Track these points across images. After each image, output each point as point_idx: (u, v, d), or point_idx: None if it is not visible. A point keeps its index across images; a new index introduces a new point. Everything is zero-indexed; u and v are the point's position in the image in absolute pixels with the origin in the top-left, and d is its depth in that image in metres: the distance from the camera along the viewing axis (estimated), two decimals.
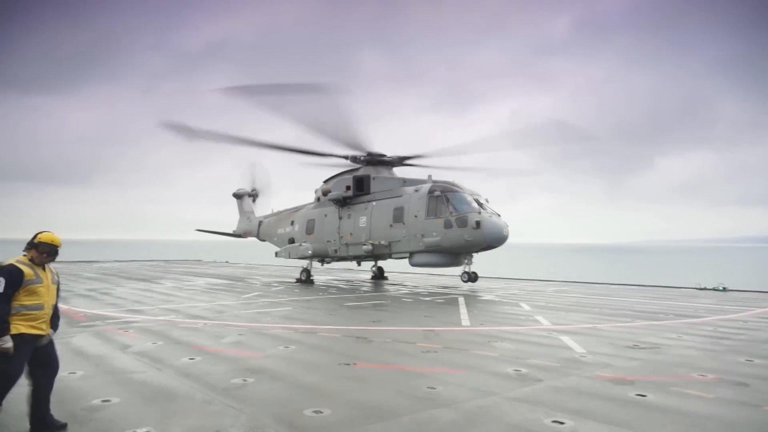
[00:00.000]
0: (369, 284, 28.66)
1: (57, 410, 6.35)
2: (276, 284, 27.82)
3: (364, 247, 18.83)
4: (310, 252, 21.55)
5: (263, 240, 26.44)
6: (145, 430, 6.19)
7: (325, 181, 22.39)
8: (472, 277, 16.36)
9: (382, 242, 18.29)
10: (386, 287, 26.84)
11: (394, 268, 56.09)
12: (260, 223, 27.08)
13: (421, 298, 21.82)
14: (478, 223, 15.72)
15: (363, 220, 19.37)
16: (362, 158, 20.11)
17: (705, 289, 26.57)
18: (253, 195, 29.02)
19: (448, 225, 16.21)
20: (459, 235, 16.08)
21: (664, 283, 34.30)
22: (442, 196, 16.68)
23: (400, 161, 20.32)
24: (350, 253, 20.41)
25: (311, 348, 11.22)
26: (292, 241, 24.00)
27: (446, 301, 20.72)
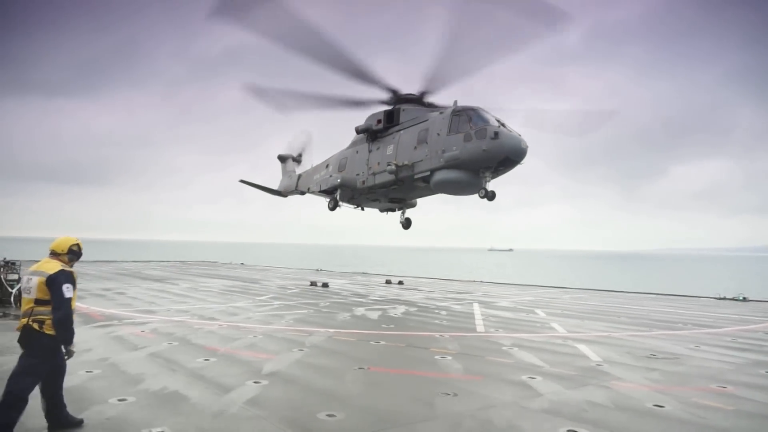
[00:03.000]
0: (384, 288, 28.62)
1: (72, 409, 6.41)
2: (291, 287, 27.89)
3: (388, 167, 18.73)
4: (339, 181, 21.47)
5: (302, 192, 27.24)
6: (159, 430, 6.21)
7: (356, 127, 22.28)
8: (489, 195, 16.24)
9: (405, 162, 18.17)
10: (401, 291, 26.77)
11: (410, 272, 56.08)
12: (299, 176, 27.75)
13: (436, 302, 21.71)
14: (496, 134, 15.54)
15: (390, 149, 19.40)
16: (393, 100, 20.17)
17: (725, 298, 26.13)
18: (297, 160, 29.61)
19: (467, 138, 16.14)
20: (477, 146, 15.89)
21: (683, 292, 33.79)
22: (465, 114, 16.65)
23: (431, 102, 20.04)
24: (376, 182, 20.11)
25: (325, 352, 11.20)
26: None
27: (461, 306, 20.59)
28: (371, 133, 20.76)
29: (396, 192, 20.96)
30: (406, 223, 23.49)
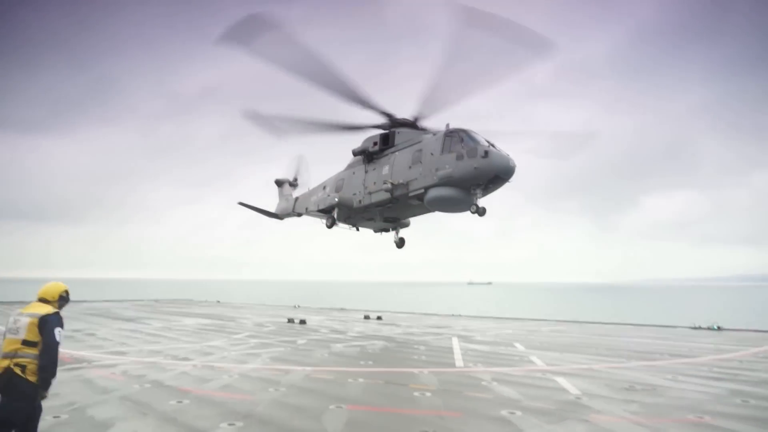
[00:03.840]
0: (362, 324, 28.33)
1: None
2: (268, 324, 27.44)
3: (384, 185, 19.75)
4: (336, 200, 22.33)
5: (299, 214, 27.85)
6: None
7: (353, 150, 23.27)
8: (480, 211, 17.02)
9: (401, 181, 19.18)
10: (380, 327, 26.53)
11: (389, 308, 55.67)
12: (296, 199, 28.47)
13: (415, 337, 21.54)
14: (486, 153, 16.52)
15: (386, 169, 20.35)
16: (390, 123, 21.12)
17: (700, 328, 26.43)
18: (294, 184, 30.22)
19: (459, 157, 17.10)
20: (469, 164, 16.81)
21: (659, 322, 34.11)
22: (456, 135, 17.69)
23: (421, 125, 21.07)
24: (373, 201, 20.94)
25: (302, 391, 10.96)
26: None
27: (440, 341, 20.46)
28: (367, 155, 21.53)
29: (391, 210, 21.54)
30: (400, 243, 24.00)
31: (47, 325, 6.00)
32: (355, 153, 22.30)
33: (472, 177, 16.82)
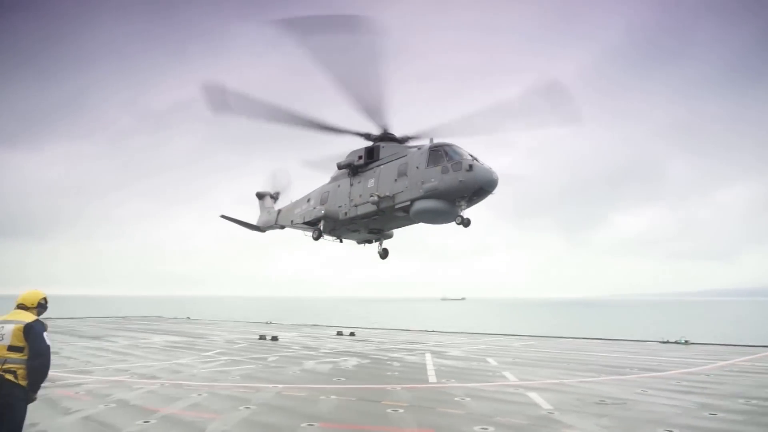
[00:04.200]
0: (335, 340, 28.08)
1: None
2: (239, 341, 27.00)
3: (371, 198, 20.03)
4: (323, 212, 22.54)
5: (282, 227, 27.72)
6: None
7: (338, 163, 23.35)
8: (465, 222, 17.65)
9: (387, 194, 19.63)
10: (352, 343, 26.32)
11: (362, 323, 55.36)
12: (279, 211, 28.42)
13: (388, 353, 21.41)
14: (471, 167, 17.19)
15: (371, 182, 20.75)
16: (374, 137, 21.65)
17: (668, 342, 26.86)
18: (275, 197, 30.36)
19: (445, 171, 17.73)
20: (454, 177, 17.42)
21: (629, 336, 34.61)
22: (441, 149, 18.32)
23: (407, 139, 21.65)
24: (359, 213, 21.24)
25: (273, 409, 10.76)
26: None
27: (413, 356, 20.37)
28: (352, 169, 21.82)
29: (376, 222, 21.81)
30: (384, 253, 24.27)
31: (33, 330, 6.29)
32: (339, 166, 22.50)
33: (457, 189, 17.35)
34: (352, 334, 32.08)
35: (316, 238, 23.27)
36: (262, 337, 28.51)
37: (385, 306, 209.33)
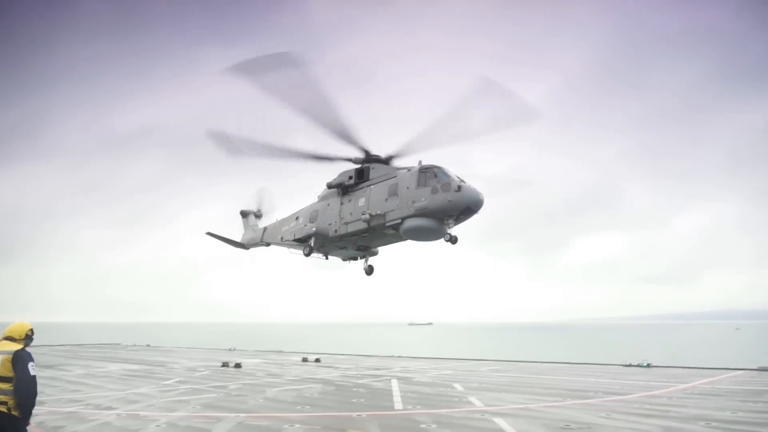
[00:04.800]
0: (300, 367, 27.60)
1: None
2: (201, 369, 26.28)
3: (363, 216, 20.75)
4: (314, 229, 23.10)
5: (268, 244, 28.16)
6: None
7: (328, 182, 24.08)
8: (453, 239, 18.69)
9: (378, 212, 20.38)
10: (317, 369, 25.90)
11: (328, 349, 54.58)
12: (264, 229, 28.81)
13: (354, 380, 21.12)
14: (459, 188, 18.23)
15: (362, 201, 21.49)
16: (361, 159, 22.48)
17: (631, 365, 27.22)
18: (258, 215, 30.87)
19: (434, 191, 18.69)
20: (443, 197, 18.43)
21: (592, 360, 34.99)
22: (430, 171, 19.27)
23: (391, 159, 22.48)
24: (349, 231, 21.85)
25: None
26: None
27: (379, 383, 20.13)
28: (343, 188, 22.54)
29: (365, 240, 22.44)
30: (369, 270, 24.61)
31: (20, 360, 6.49)
32: (330, 186, 23.21)
33: (446, 209, 18.33)
34: (317, 360, 31.61)
35: (307, 255, 23.84)
36: (225, 364, 27.82)
37: (351, 331, 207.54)
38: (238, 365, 27.29)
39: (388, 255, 24.32)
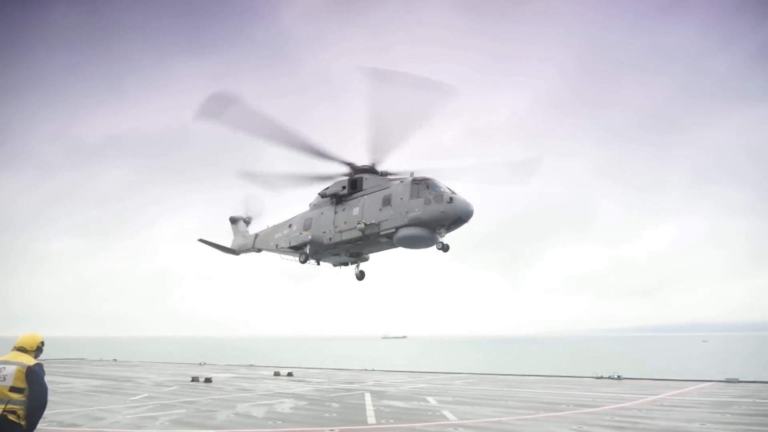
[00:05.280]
0: (271, 381, 27.17)
1: None
2: (170, 384, 25.67)
3: (358, 226, 21.48)
4: (309, 237, 24.00)
5: (260, 250, 28.93)
6: None
7: (320, 192, 24.89)
8: (444, 247, 19.61)
9: (373, 222, 21.17)
10: (290, 384, 25.52)
11: (300, 363, 54.04)
12: (256, 235, 29.50)
13: (327, 394, 20.86)
14: (451, 199, 19.04)
15: (356, 210, 22.25)
16: (351, 171, 23.37)
17: (602, 378, 27.49)
18: (247, 221, 31.74)
19: (427, 202, 19.46)
20: (436, 208, 19.17)
21: (565, 373, 35.26)
22: (423, 183, 20.10)
23: (387, 173, 23.52)
24: (343, 238, 22.70)
25: None
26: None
27: (352, 397, 19.91)
28: (337, 198, 23.36)
29: (358, 247, 23.21)
30: (360, 275, 25.26)
31: (35, 375, 6.77)
32: (324, 195, 24.10)
33: (439, 219, 19.21)
34: (289, 374, 31.19)
35: (303, 262, 24.76)
36: (195, 379, 27.24)
37: (325, 345, 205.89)
38: (208, 380, 26.75)
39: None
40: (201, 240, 30.95)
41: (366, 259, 25.13)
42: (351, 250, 23.84)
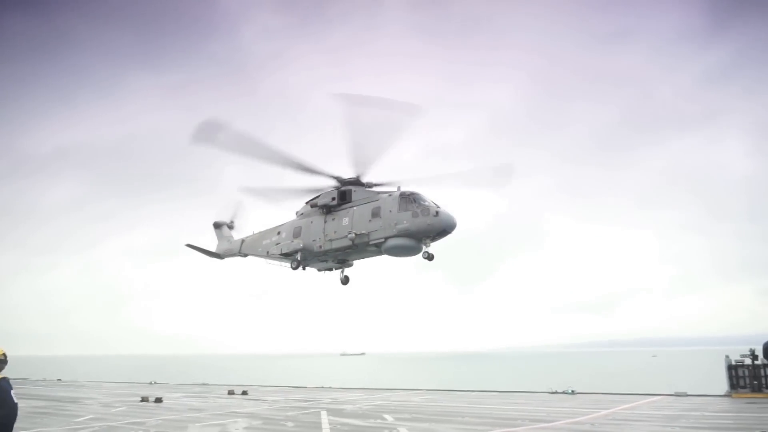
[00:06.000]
0: (225, 400, 26.50)
1: None
2: (117, 404, 24.69)
3: (349, 235, 22.49)
4: (301, 245, 24.89)
5: (245, 255, 29.81)
6: None
7: (307, 202, 25.90)
8: (430, 256, 20.97)
9: (363, 232, 22.21)
10: (244, 402, 24.94)
11: (256, 381, 52.90)
12: (242, 240, 30.38)
13: (282, 413, 20.45)
14: (437, 213, 20.37)
15: (346, 221, 23.26)
16: (339, 184, 24.43)
17: (556, 392, 27.87)
18: (231, 226, 32.46)
19: (415, 215, 20.71)
20: (423, 221, 20.50)
21: (520, 388, 35.62)
22: (410, 197, 21.31)
23: (372, 185, 24.51)
24: (333, 246, 23.74)
25: None
26: (277, 245, 27.15)
27: (308, 416, 19.57)
28: (327, 208, 24.39)
29: (347, 255, 24.21)
30: (345, 280, 26.06)
31: (2, 390, 6.82)
32: (314, 205, 25.16)
33: (425, 231, 20.66)
34: (244, 392, 30.51)
35: (295, 268, 25.57)
36: (145, 399, 26.33)
37: (283, 362, 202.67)
38: (158, 400, 25.88)
39: (321, 285, 25.09)
40: (188, 245, 31.57)
41: (350, 265, 26.05)
42: (339, 257, 24.91)
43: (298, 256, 25.04)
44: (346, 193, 24.14)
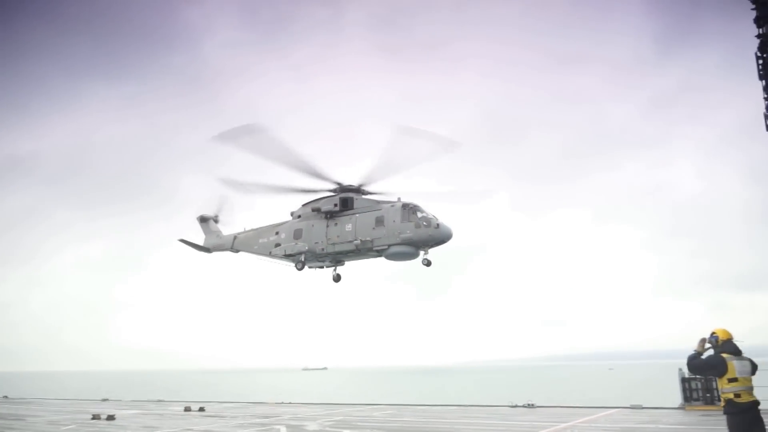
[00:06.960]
0: (181, 418, 25.79)
1: None
2: (66, 422, 23.70)
3: (354, 242, 23.78)
4: (306, 248, 25.68)
5: (238, 251, 29.90)
6: None
7: (305, 204, 26.68)
8: (428, 263, 22.48)
9: (367, 239, 23.61)
10: (201, 420, 24.30)
11: (214, 397, 51.68)
12: (235, 237, 30.40)
13: (239, 429, 19.98)
14: (438, 225, 22.21)
15: (349, 227, 24.39)
16: (338, 189, 25.31)
17: (517, 406, 28.08)
18: (216, 220, 32.42)
19: (417, 226, 22.40)
20: (425, 231, 22.24)
21: (480, 402, 35.78)
22: (411, 208, 22.96)
23: (367, 193, 25.58)
24: (336, 250, 24.77)
25: None
26: (278, 245, 27.60)
27: None
28: (329, 213, 25.26)
29: (347, 257, 25.32)
30: (337, 278, 26.79)
31: None
32: (313, 209, 25.90)
33: (426, 240, 22.44)
34: (201, 409, 29.73)
35: (300, 269, 26.41)
36: (96, 417, 25.32)
37: (243, 377, 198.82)
38: (111, 417, 24.94)
39: (284, 299, 25.31)
40: (182, 240, 31.68)
41: (342, 264, 26.94)
42: (337, 259, 26.04)
43: (302, 258, 26.01)
44: (347, 200, 25.26)
